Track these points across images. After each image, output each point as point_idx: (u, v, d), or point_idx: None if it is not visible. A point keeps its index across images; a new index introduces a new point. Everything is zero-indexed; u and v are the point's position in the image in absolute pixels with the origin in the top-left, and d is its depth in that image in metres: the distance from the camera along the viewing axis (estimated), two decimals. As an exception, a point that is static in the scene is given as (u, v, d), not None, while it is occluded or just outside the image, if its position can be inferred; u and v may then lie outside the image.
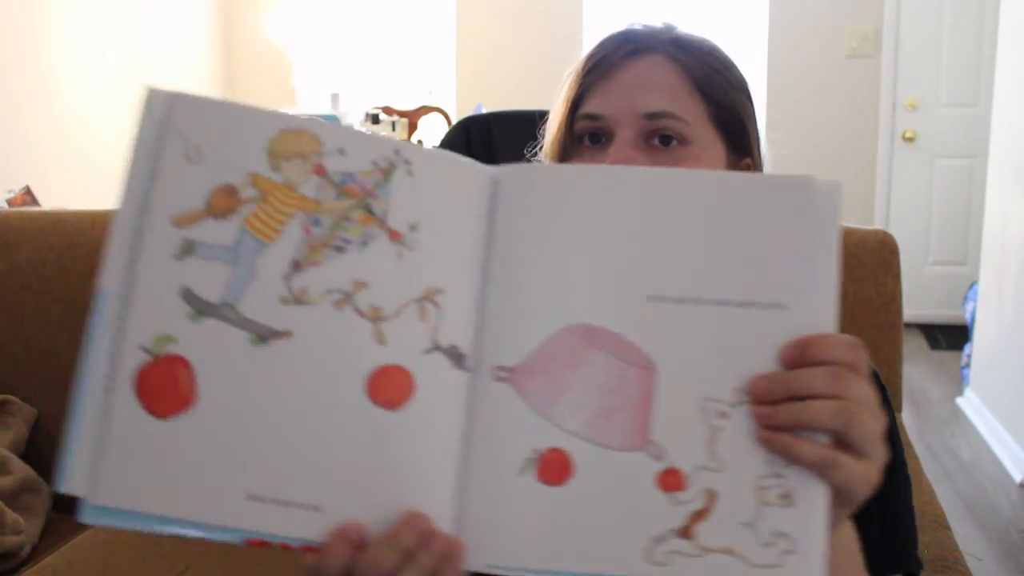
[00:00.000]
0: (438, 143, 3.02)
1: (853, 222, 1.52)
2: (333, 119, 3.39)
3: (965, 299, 4.29)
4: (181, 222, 0.56)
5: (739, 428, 0.55)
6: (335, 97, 3.68)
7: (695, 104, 0.83)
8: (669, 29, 0.88)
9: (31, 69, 3.67)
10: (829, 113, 4.84)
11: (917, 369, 4.24)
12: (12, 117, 3.56)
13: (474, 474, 0.56)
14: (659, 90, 0.82)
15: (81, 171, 3.99)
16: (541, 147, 0.94)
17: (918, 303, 4.63)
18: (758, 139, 0.89)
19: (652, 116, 0.82)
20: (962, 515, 2.88)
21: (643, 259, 0.57)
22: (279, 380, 0.56)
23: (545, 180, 0.59)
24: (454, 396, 0.57)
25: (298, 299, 0.56)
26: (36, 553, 1.41)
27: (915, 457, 1.31)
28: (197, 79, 5.02)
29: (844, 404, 0.53)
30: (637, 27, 0.88)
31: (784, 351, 0.55)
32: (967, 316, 4.16)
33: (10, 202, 3.13)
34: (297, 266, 0.56)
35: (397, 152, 0.58)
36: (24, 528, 1.40)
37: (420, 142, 4.62)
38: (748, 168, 0.88)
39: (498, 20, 5.06)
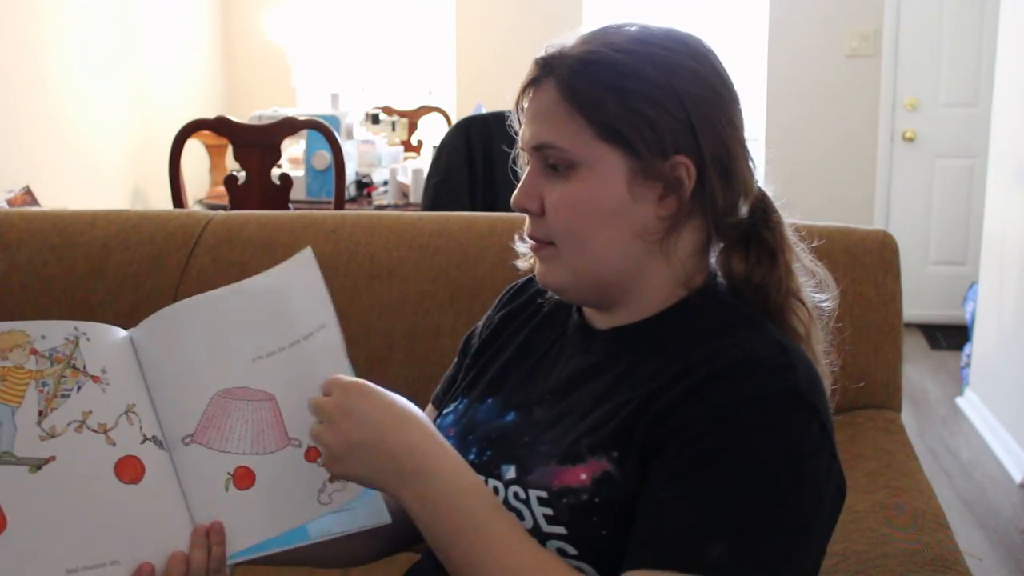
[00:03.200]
0: (438, 143, 3.03)
1: (853, 222, 1.52)
2: (333, 120, 3.39)
3: (965, 299, 4.30)
4: None
5: None
6: (335, 97, 3.68)
7: (576, 126, 0.86)
8: (580, 44, 0.89)
9: (30, 69, 3.67)
10: (829, 113, 4.84)
11: (917, 369, 4.24)
12: (12, 117, 3.56)
13: (199, 505, 0.87)
14: (542, 120, 0.89)
15: (81, 171, 3.99)
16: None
17: (918, 303, 4.63)
18: (694, 136, 0.86)
19: (536, 148, 0.90)
20: (962, 515, 2.89)
21: (240, 340, 0.90)
22: (58, 489, 0.83)
23: (161, 320, 0.90)
24: (167, 466, 0.87)
25: (50, 434, 0.84)
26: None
27: (915, 458, 1.31)
28: (197, 79, 5.02)
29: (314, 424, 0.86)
30: (551, 49, 0.90)
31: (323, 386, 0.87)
32: (967, 316, 4.16)
33: (10, 202, 3.13)
34: (42, 414, 0.84)
35: (76, 328, 0.87)
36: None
37: (420, 142, 4.62)
38: (684, 167, 0.85)
39: (498, 20, 5.06)
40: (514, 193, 0.92)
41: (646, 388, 0.85)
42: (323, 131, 2.70)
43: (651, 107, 0.85)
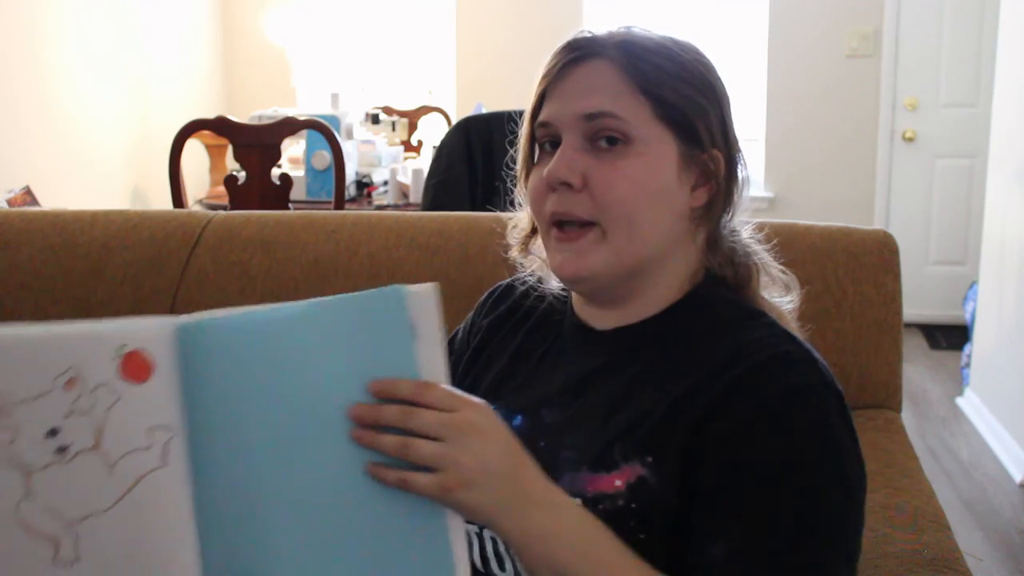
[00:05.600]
0: (438, 143, 3.03)
1: (853, 222, 1.52)
2: (333, 120, 3.39)
3: (965, 299, 4.29)
4: None
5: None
6: (335, 97, 3.67)
7: (636, 102, 0.86)
8: (618, 34, 0.90)
9: (30, 69, 3.67)
10: (829, 113, 4.84)
11: (917, 369, 4.24)
12: (12, 117, 3.56)
13: None
14: (597, 91, 0.87)
15: (81, 171, 3.99)
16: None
17: (918, 303, 4.63)
18: (724, 133, 0.90)
19: (590, 117, 0.86)
20: (962, 515, 2.89)
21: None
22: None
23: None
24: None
25: None
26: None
27: (915, 458, 1.31)
28: (197, 79, 5.02)
29: (402, 439, 0.68)
30: (585, 34, 0.91)
31: (371, 386, 0.68)
32: (967, 316, 4.15)
33: (10, 202, 3.13)
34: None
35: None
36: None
37: (420, 142, 4.62)
38: (715, 161, 0.89)
39: (498, 20, 5.06)
40: (550, 164, 0.87)
41: (675, 389, 0.84)
42: (323, 131, 2.70)
43: (703, 98, 0.88)
